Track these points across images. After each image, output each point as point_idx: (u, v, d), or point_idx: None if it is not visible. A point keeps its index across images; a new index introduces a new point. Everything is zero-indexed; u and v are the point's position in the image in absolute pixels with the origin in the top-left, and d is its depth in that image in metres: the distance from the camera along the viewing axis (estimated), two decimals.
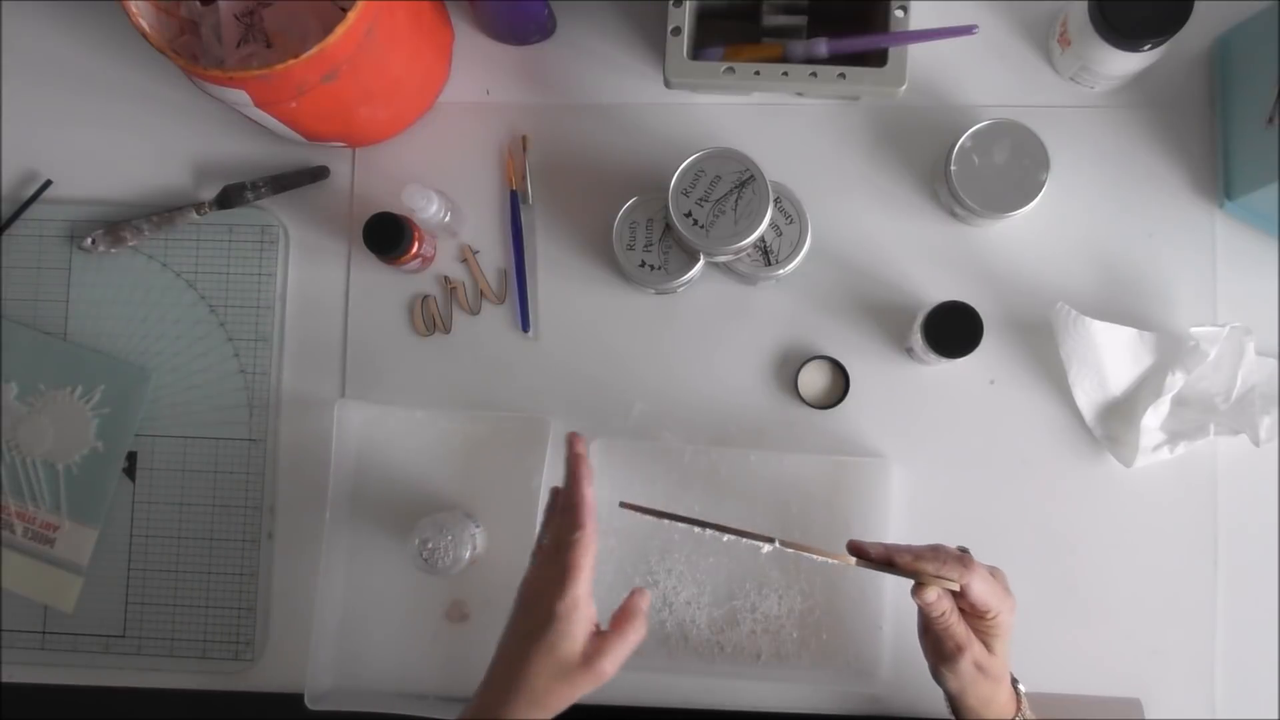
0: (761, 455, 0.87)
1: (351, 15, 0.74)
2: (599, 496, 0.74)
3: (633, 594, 0.72)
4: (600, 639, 0.70)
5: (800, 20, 0.87)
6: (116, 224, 0.92)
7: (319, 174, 0.92)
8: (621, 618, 0.71)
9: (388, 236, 0.84)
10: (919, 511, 0.87)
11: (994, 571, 0.76)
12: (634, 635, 0.70)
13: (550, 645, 0.68)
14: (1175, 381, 0.83)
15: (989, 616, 0.73)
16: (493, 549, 0.88)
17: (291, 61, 0.73)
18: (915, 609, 0.74)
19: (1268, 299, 0.88)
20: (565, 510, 0.73)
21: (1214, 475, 0.87)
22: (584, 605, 0.69)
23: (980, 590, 0.72)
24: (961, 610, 0.74)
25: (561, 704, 0.69)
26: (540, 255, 0.91)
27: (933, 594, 0.72)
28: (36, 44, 0.95)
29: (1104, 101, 0.89)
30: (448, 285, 0.91)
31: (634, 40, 0.92)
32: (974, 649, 0.73)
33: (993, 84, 0.90)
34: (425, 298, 0.91)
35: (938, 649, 0.74)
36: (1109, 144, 0.89)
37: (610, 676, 0.70)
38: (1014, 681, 0.76)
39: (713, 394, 0.89)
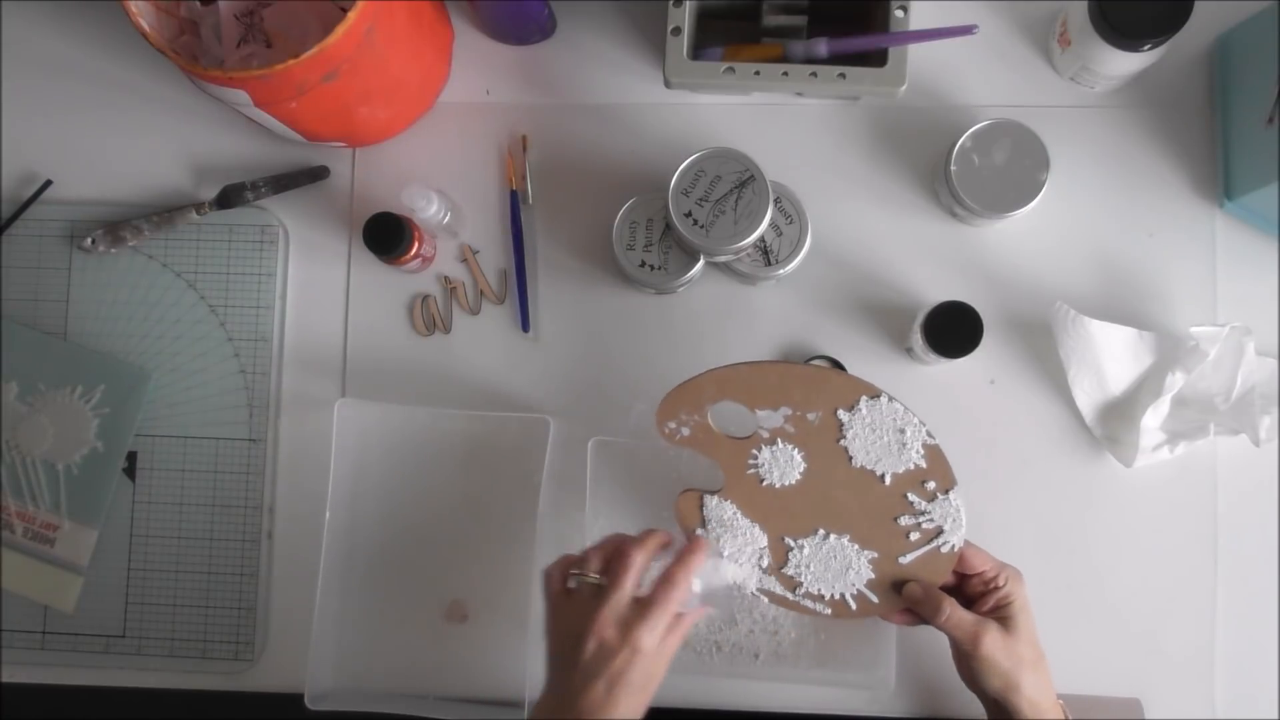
0: None
1: (351, 15, 0.74)
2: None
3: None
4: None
5: (800, 20, 0.87)
6: (116, 224, 0.92)
7: (319, 174, 0.92)
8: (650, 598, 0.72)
9: (388, 236, 0.84)
10: None
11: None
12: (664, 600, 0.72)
13: (629, 681, 0.69)
14: (1175, 381, 0.83)
15: (995, 585, 0.74)
16: (493, 549, 0.88)
17: (291, 61, 0.73)
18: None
19: (1268, 299, 0.87)
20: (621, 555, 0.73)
21: (1214, 475, 0.87)
22: (658, 628, 0.71)
23: (973, 551, 0.75)
24: (969, 602, 0.75)
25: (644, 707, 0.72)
26: (540, 255, 0.91)
27: (916, 587, 0.74)
28: (36, 44, 0.95)
29: (1104, 101, 0.89)
30: (448, 285, 0.91)
31: (634, 40, 0.92)
32: (991, 631, 0.73)
33: (993, 84, 0.90)
34: (425, 298, 0.91)
35: (959, 654, 0.75)
36: (1109, 144, 0.89)
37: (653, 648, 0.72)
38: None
39: None
